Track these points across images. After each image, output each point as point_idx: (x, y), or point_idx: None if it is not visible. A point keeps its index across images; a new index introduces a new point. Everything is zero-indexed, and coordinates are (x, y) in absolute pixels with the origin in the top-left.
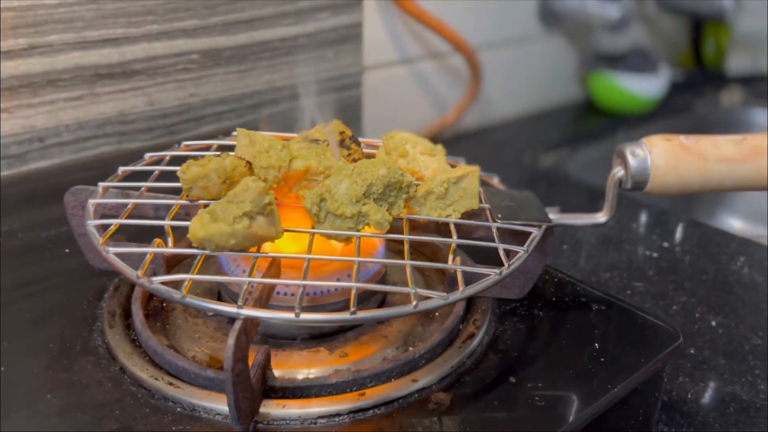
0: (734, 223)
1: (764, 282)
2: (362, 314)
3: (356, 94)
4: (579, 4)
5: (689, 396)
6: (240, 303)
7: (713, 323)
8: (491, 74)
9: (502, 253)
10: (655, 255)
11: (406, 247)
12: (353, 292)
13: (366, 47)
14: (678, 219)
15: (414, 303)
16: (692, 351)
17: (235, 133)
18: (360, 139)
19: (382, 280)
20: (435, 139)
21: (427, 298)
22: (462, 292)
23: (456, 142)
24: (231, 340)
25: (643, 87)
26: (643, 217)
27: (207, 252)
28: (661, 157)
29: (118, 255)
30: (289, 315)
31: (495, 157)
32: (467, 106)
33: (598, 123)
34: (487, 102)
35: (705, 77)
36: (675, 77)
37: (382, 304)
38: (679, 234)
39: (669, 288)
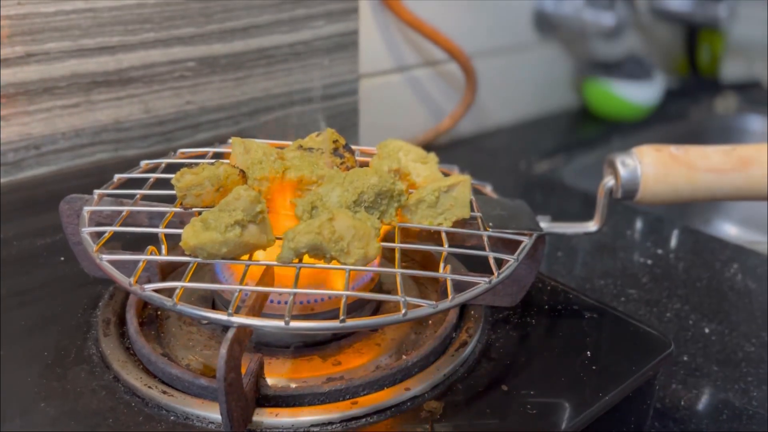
0: (730, 230)
1: (757, 289)
2: (351, 322)
3: (352, 101)
4: (574, 12)
5: (682, 403)
6: (230, 311)
7: (706, 330)
8: (487, 81)
9: (492, 262)
10: (649, 262)
11: (397, 256)
12: (343, 300)
13: (362, 55)
14: (672, 226)
15: (403, 311)
16: (685, 358)
17: (230, 140)
18: (356, 147)
19: (377, 288)
20: (431, 146)
21: (417, 306)
22: (451, 300)
23: (452, 149)
24: (223, 350)
25: (638, 94)
26: (638, 224)
27: (199, 260)
28: (651, 167)
29: (112, 262)
30: (279, 323)
31: (490, 164)
32: (463, 114)
33: (594, 130)
34: (483, 109)
35: (700, 84)
36: (670, 84)
37: (376, 311)
38: (673, 241)
39: (663, 295)
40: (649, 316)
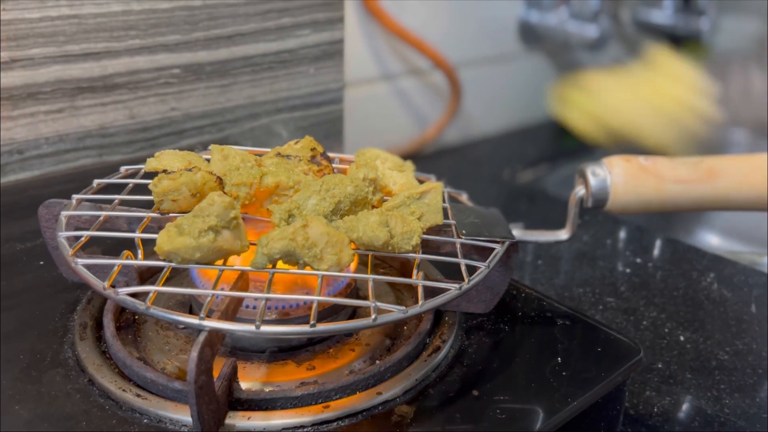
0: (712, 240)
1: (733, 298)
2: (321, 327)
3: (338, 109)
4: (558, 24)
5: (655, 410)
6: (202, 315)
7: (682, 338)
8: (472, 91)
9: (463, 269)
10: (628, 271)
11: (370, 261)
12: (314, 305)
13: (347, 63)
14: (652, 236)
15: (373, 316)
16: (660, 365)
17: (210, 147)
18: (334, 155)
19: (354, 295)
20: (416, 155)
21: (388, 311)
22: (421, 305)
23: (437, 158)
24: (194, 353)
25: None
26: (618, 234)
27: (173, 264)
28: (621, 177)
29: (87, 266)
30: (250, 327)
31: (475, 173)
32: (447, 123)
33: (577, 140)
34: (468, 118)
35: None
36: None
37: (352, 317)
38: (652, 250)
39: (640, 304)
40: (625, 325)
